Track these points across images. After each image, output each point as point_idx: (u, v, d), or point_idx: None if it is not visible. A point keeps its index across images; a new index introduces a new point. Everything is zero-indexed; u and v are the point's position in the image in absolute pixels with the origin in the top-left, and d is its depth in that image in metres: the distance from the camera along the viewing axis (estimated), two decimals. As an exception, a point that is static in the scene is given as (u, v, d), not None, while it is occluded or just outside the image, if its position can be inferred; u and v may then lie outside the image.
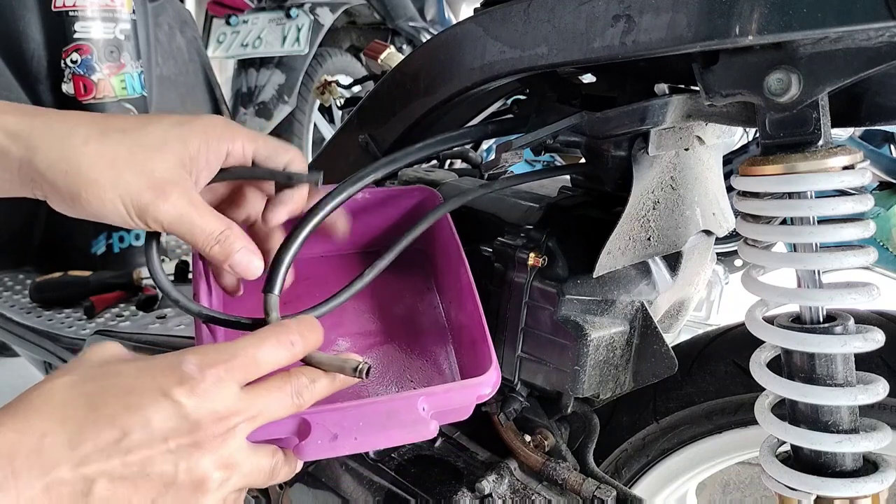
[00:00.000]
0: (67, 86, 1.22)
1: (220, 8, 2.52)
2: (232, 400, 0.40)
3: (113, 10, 1.25)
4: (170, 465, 0.37)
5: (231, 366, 0.40)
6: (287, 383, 0.42)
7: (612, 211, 0.60)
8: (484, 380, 0.47)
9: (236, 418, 0.39)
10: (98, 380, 0.39)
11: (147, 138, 0.45)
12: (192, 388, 0.38)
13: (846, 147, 0.43)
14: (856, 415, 0.47)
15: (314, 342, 0.45)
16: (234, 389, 0.40)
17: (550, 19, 0.49)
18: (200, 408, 0.38)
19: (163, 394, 0.38)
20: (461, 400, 0.47)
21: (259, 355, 0.41)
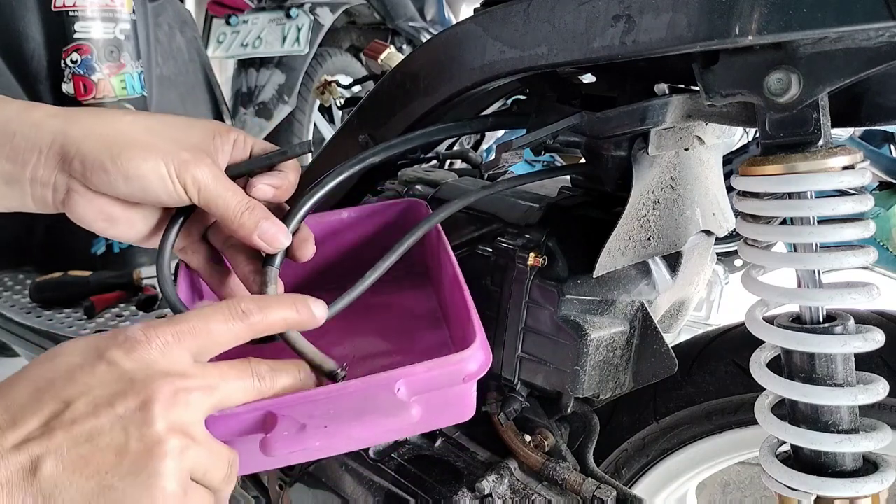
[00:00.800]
0: (67, 86, 1.22)
1: (220, 8, 2.52)
2: (183, 365, 0.37)
3: (113, 10, 1.25)
4: (118, 431, 0.34)
5: (179, 330, 0.38)
6: (246, 365, 0.40)
7: (612, 211, 0.60)
8: (466, 355, 0.42)
9: (189, 382, 0.37)
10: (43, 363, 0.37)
11: (174, 119, 0.47)
12: (132, 349, 0.36)
13: (846, 147, 0.43)
14: (856, 415, 0.47)
15: (280, 318, 0.42)
16: (184, 356, 0.38)
17: (550, 19, 0.49)
18: (143, 368, 0.36)
19: (101, 357, 0.36)
20: (444, 379, 0.42)
21: (211, 324, 0.39)
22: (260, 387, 0.40)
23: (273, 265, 0.48)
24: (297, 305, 0.43)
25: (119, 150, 0.43)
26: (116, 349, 0.36)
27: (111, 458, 0.34)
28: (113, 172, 0.43)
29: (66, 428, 0.34)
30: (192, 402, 0.37)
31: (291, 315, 0.43)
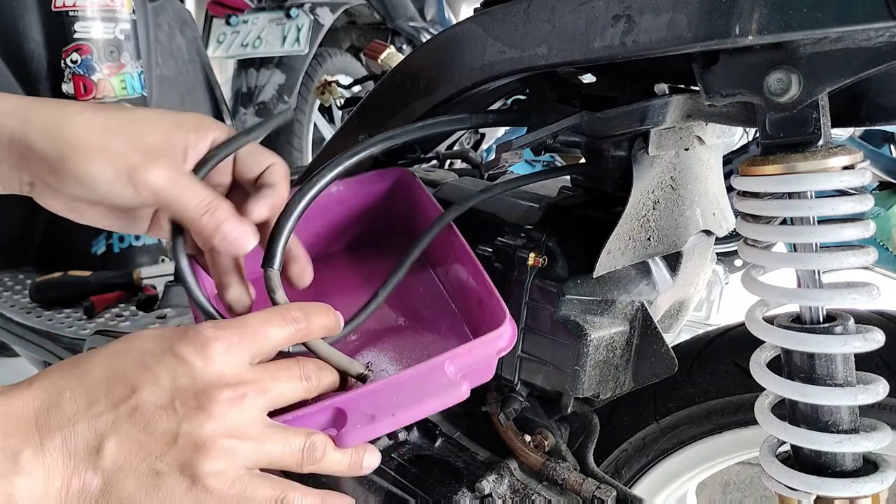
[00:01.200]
0: (67, 86, 1.22)
1: (220, 8, 2.52)
2: (241, 368, 0.40)
3: (113, 10, 1.25)
4: (173, 423, 0.37)
5: (243, 334, 0.40)
6: (295, 365, 0.43)
7: (612, 211, 0.60)
8: (501, 332, 0.48)
9: (245, 388, 0.39)
10: (120, 345, 0.40)
11: (139, 115, 0.46)
12: (204, 351, 0.38)
13: (846, 147, 0.43)
14: (856, 415, 0.47)
15: (321, 325, 0.44)
16: (243, 359, 0.40)
17: (550, 19, 0.49)
18: (209, 370, 0.38)
19: (173, 354, 0.38)
20: (484, 355, 0.48)
21: (268, 328, 0.42)
22: (308, 386, 0.43)
23: (272, 266, 0.46)
24: (331, 314, 0.45)
25: (68, 153, 0.42)
26: (188, 345, 0.39)
27: (161, 445, 0.37)
28: (62, 175, 0.43)
29: (130, 413, 0.37)
30: (245, 405, 0.39)
31: (329, 322, 0.45)
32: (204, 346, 0.39)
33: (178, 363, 0.38)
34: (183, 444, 0.37)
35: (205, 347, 0.39)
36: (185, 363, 0.38)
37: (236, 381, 0.39)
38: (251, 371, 0.40)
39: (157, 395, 0.37)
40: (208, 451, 0.38)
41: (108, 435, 0.36)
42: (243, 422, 0.39)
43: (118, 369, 0.38)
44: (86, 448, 0.36)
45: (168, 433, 0.37)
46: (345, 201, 0.64)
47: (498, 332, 0.48)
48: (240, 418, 0.39)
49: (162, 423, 0.37)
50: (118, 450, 0.37)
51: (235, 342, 0.40)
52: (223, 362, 0.39)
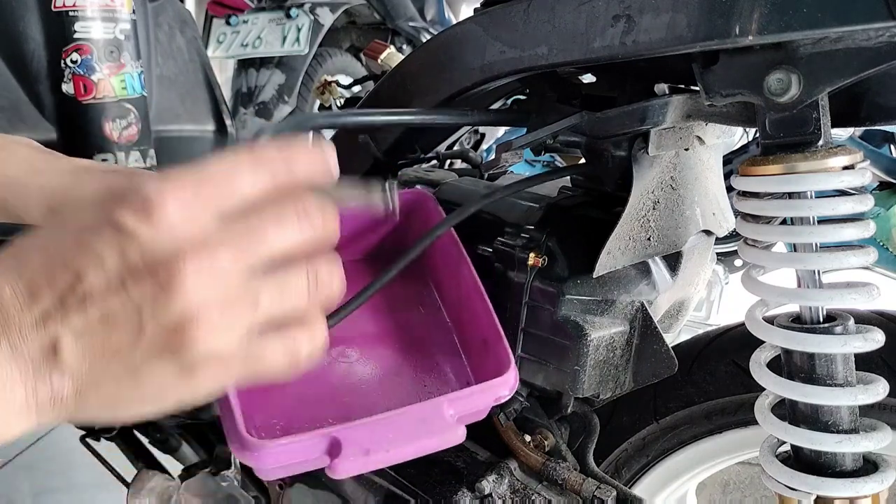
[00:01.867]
0: (67, 86, 1.22)
1: (220, 8, 2.52)
2: (206, 227, 0.32)
3: (113, 10, 1.25)
4: (132, 311, 0.31)
5: (199, 186, 0.32)
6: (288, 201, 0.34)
7: (612, 211, 0.60)
8: (504, 380, 0.48)
9: (215, 249, 0.31)
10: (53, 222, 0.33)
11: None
12: (148, 214, 0.31)
13: (846, 147, 0.43)
14: (856, 415, 0.47)
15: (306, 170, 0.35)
16: (206, 216, 0.32)
17: (550, 19, 0.49)
18: (160, 238, 0.31)
19: (113, 224, 0.31)
20: (483, 402, 0.48)
21: (233, 175, 0.33)
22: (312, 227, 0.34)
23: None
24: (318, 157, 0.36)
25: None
26: (127, 211, 0.31)
27: (128, 338, 0.31)
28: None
29: (79, 305, 0.31)
30: (220, 269, 0.32)
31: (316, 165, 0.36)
32: (148, 209, 0.31)
33: (120, 236, 0.31)
34: (152, 333, 0.31)
35: (149, 210, 0.31)
36: (128, 234, 0.30)
37: (200, 245, 0.31)
38: (220, 229, 0.32)
39: (105, 279, 0.31)
40: (184, 335, 0.31)
41: (62, 333, 0.31)
42: (221, 288, 0.31)
43: (56, 253, 0.31)
44: (41, 351, 0.31)
45: (130, 322, 0.31)
46: (360, 215, 0.63)
47: (501, 379, 0.48)
48: (214, 287, 0.31)
49: (121, 312, 0.31)
50: (77, 347, 0.31)
51: (189, 197, 0.31)
52: (177, 225, 0.31)
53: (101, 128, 1.15)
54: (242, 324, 0.32)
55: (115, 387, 0.32)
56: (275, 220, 0.33)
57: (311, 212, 0.34)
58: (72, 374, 0.31)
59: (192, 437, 1.02)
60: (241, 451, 0.43)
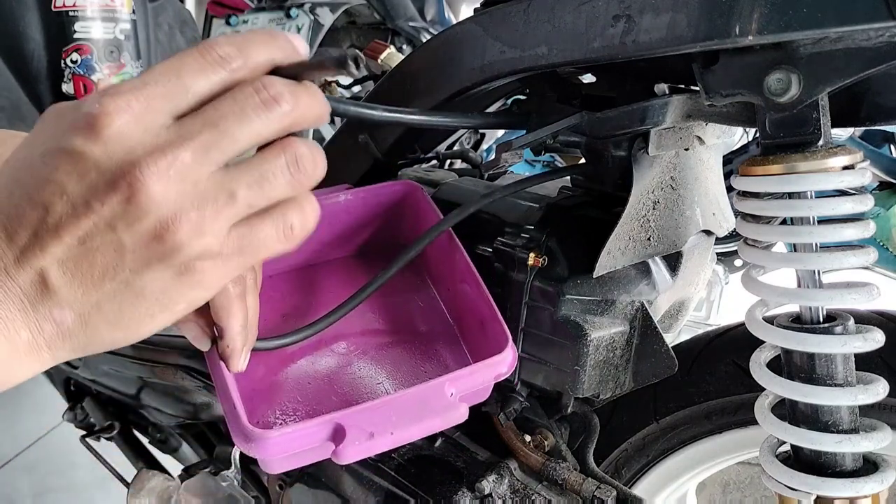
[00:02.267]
0: (67, 86, 1.22)
1: (220, 8, 2.52)
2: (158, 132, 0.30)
3: (113, 10, 1.25)
4: (106, 230, 0.30)
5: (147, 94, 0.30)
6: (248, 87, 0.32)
7: (612, 211, 0.60)
8: (503, 357, 0.48)
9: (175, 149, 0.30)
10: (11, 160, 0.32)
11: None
12: (95, 131, 0.30)
13: (846, 147, 0.43)
14: (856, 415, 0.47)
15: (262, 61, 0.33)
16: (158, 119, 0.31)
17: (550, 19, 0.49)
18: (113, 152, 0.30)
19: (64, 150, 0.30)
20: (483, 379, 0.48)
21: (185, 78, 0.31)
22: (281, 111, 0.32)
23: None
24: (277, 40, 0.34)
25: None
26: (75, 133, 0.30)
27: (113, 258, 0.31)
28: None
29: (53, 235, 0.30)
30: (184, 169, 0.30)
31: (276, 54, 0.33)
32: (94, 126, 0.30)
33: (74, 159, 0.30)
34: (133, 244, 0.31)
35: (95, 127, 0.30)
36: (81, 156, 0.30)
37: (156, 149, 0.30)
38: (175, 129, 0.31)
39: (69, 205, 0.30)
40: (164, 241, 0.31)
41: (44, 264, 0.30)
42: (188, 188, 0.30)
43: (20, 191, 0.31)
44: (31, 286, 0.31)
45: (108, 239, 0.30)
46: (352, 210, 0.63)
47: (500, 356, 0.48)
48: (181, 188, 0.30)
49: (96, 234, 0.30)
50: (65, 275, 0.31)
51: (136, 107, 0.30)
52: (128, 135, 0.30)
53: (101, 128, 1.14)
54: (224, 217, 0.31)
55: (117, 305, 0.31)
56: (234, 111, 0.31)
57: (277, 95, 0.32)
58: (68, 302, 0.31)
59: (192, 437, 1.02)
60: (245, 443, 0.43)
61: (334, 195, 0.63)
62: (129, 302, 0.32)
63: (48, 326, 0.31)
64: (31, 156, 0.31)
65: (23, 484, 1.73)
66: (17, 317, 0.31)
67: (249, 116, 0.31)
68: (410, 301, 0.63)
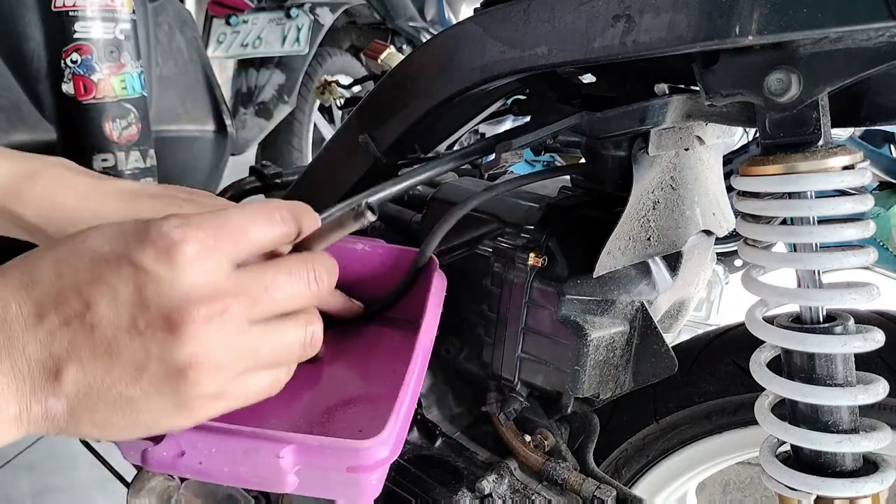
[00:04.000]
0: (67, 86, 1.22)
1: (220, 8, 2.52)
2: (220, 276, 0.33)
3: (113, 10, 1.25)
4: (139, 348, 0.31)
5: (220, 234, 0.33)
6: (302, 266, 0.36)
7: (612, 211, 0.60)
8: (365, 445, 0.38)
9: (227, 300, 0.32)
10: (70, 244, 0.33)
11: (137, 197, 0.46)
12: (170, 257, 0.31)
13: (846, 147, 0.43)
14: (856, 415, 0.47)
15: (309, 227, 0.38)
16: (222, 264, 0.33)
17: (550, 19, 0.49)
18: (177, 282, 0.31)
19: (132, 261, 0.31)
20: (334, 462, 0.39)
21: (251, 227, 0.34)
22: (317, 291, 0.36)
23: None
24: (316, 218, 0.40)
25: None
26: (149, 250, 0.31)
27: (131, 372, 0.32)
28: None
29: (87, 333, 0.31)
30: (228, 320, 0.33)
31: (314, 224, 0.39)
32: (170, 251, 0.31)
33: (138, 273, 0.31)
34: (156, 372, 0.32)
35: (171, 252, 0.31)
36: (146, 273, 0.31)
37: (214, 294, 0.32)
38: (234, 278, 0.33)
39: (115, 313, 0.31)
40: (186, 378, 0.32)
41: (66, 359, 0.31)
42: (226, 337, 0.33)
43: (69, 277, 0.32)
44: (42, 372, 0.31)
45: (135, 358, 0.31)
46: (366, 263, 0.60)
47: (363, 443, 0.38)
48: (221, 335, 0.32)
49: (126, 347, 0.31)
50: (81, 375, 0.31)
51: (210, 244, 0.32)
52: (196, 270, 0.32)
53: (101, 128, 1.15)
54: (240, 369, 0.34)
55: (109, 413, 0.32)
56: (288, 282, 0.35)
57: (319, 277, 0.36)
58: (67, 396, 0.32)
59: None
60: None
61: (352, 242, 0.59)
62: (121, 413, 0.33)
63: (37, 409, 0.31)
64: (94, 249, 0.32)
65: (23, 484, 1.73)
66: (13, 394, 0.31)
67: (295, 290, 0.36)
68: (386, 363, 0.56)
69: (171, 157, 1.42)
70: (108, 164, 1.40)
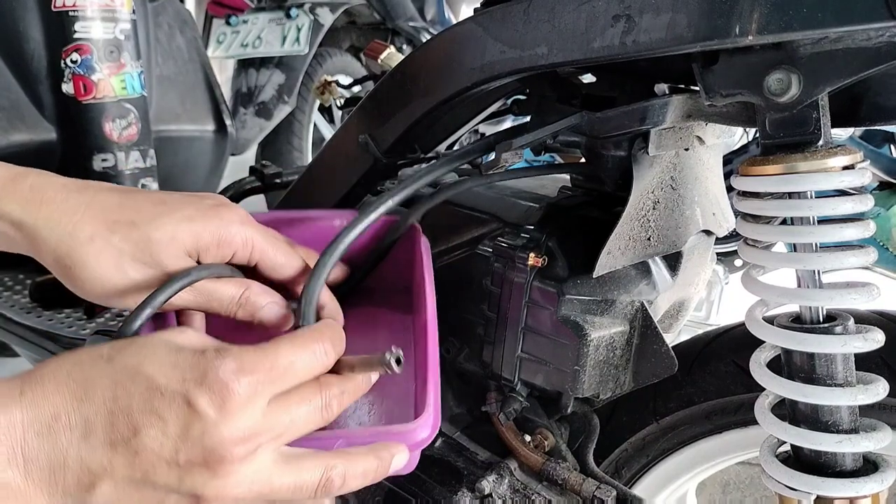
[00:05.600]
0: (67, 86, 1.22)
1: (220, 8, 2.52)
2: (258, 416, 0.36)
3: (113, 10, 1.25)
4: (174, 477, 0.35)
5: (270, 377, 0.37)
6: (317, 394, 0.40)
7: (612, 211, 0.60)
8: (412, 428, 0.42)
9: (259, 439, 0.36)
10: (129, 365, 0.36)
11: (156, 233, 0.45)
12: (223, 403, 0.35)
13: (846, 147, 0.43)
14: (856, 415, 0.47)
15: (341, 349, 0.42)
16: (262, 405, 0.37)
17: (550, 19, 0.49)
18: (223, 425, 0.35)
19: (187, 400, 0.35)
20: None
21: (297, 364, 0.39)
22: (327, 416, 0.40)
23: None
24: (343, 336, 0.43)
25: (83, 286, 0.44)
26: (206, 394, 0.35)
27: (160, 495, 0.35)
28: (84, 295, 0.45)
29: (129, 457, 0.34)
30: (257, 456, 0.37)
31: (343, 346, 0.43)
32: (224, 398, 0.35)
33: (190, 413, 0.34)
34: (183, 496, 0.35)
35: (225, 399, 0.35)
36: (198, 414, 0.34)
37: (251, 434, 0.36)
38: (267, 416, 0.37)
39: (161, 444, 0.34)
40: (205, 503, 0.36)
41: (102, 476, 0.34)
42: (252, 473, 0.37)
43: (123, 401, 0.34)
44: (76, 484, 0.34)
45: (168, 486, 0.35)
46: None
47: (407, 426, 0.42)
48: (249, 470, 0.36)
49: (163, 475, 0.35)
50: (112, 492, 0.34)
51: (259, 390, 0.36)
52: (241, 416, 0.35)
53: (101, 128, 1.15)
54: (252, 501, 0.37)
55: None
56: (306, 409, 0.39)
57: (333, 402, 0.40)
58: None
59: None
60: None
61: (329, 218, 0.62)
62: None
63: None
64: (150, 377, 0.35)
65: (23, 484, 1.73)
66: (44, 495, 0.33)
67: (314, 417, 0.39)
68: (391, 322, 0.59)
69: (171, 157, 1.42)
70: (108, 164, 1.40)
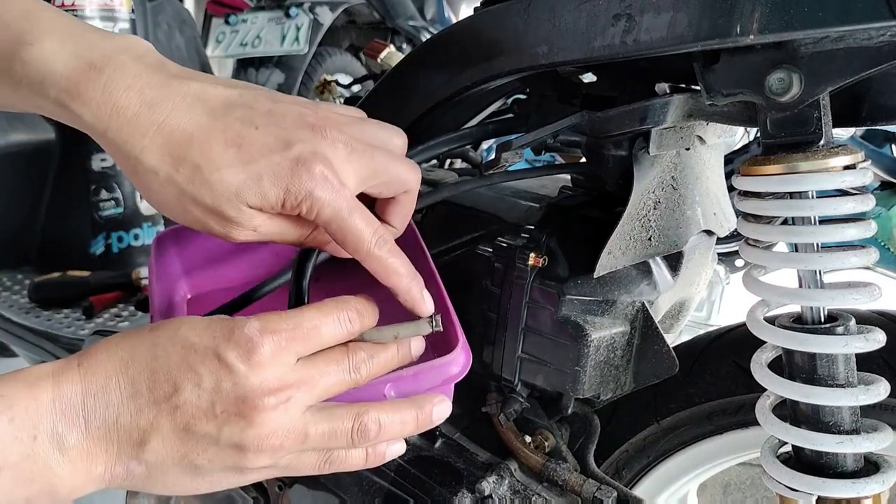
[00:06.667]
0: (67, 85, 1.22)
1: (220, 7, 2.51)
2: (286, 370, 0.39)
3: (112, 9, 1.25)
4: (213, 428, 0.38)
5: (293, 336, 0.40)
6: (344, 357, 0.42)
7: (613, 211, 0.60)
8: (451, 358, 0.46)
9: (290, 391, 0.39)
10: (167, 332, 0.39)
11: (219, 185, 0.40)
12: (249, 356, 0.38)
13: (847, 147, 0.43)
14: (857, 415, 0.47)
15: (370, 322, 0.44)
16: (290, 361, 0.39)
17: (551, 18, 0.49)
18: (252, 377, 0.38)
19: (217, 356, 0.38)
20: (430, 381, 0.46)
21: (322, 329, 0.41)
22: (356, 378, 0.42)
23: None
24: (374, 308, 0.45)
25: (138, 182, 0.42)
26: (233, 348, 0.38)
27: (203, 446, 0.38)
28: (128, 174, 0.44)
29: (171, 412, 0.38)
30: (290, 407, 0.39)
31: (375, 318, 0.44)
32: (250, 352, 0.38)
33: (221, 366, 0.38)
34: (224, 446, 0.39)
35: (250, 353, 0.38)
36: (227, 367, 0.38)
37: (280, 386, 0.39)
38: (297, 371, 0.40)
39: (198, 398, 0.38)
40: (247, 453, 0.39)
41: (150, 432, 0.38)
42: (287, 422, 0.39)
43: (162, 362, 0.38)
44: (129, 440, 0.38)
45: (208, 436, 0.38)
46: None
47: (447, 358, 0.46)
48: (283, 420, 0.39)
49: (202, 426, 0.38)
50: (160, 446, 0.38)
51: (284, 346, 0.39)
52: (268, 368, 0.38)
53: (101, 127, 1.14)
54: (291, 449, 0.40)
55: (179, 477, 0.39)
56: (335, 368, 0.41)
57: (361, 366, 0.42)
58: (147, 462, 0.38)
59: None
60: None
61: None
62: (189, 477, 0.40)
63: (120, 470, 0.38)
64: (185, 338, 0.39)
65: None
66: (103, 456, 0.37)
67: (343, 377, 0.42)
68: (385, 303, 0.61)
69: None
70: (107, 164, 1.40)
